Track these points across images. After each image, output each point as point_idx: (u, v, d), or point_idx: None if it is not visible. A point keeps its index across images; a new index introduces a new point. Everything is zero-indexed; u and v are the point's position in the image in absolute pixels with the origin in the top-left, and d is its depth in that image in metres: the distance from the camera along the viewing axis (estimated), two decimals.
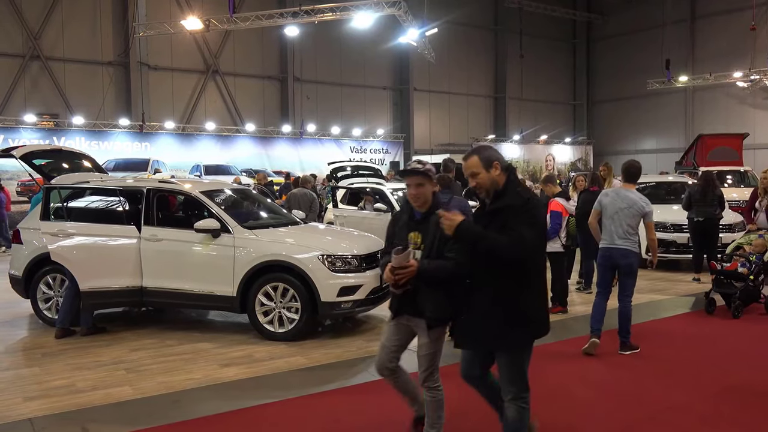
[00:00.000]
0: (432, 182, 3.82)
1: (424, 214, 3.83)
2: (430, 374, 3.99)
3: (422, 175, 3.77)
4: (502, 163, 3.49)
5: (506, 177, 3.48)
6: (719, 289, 8.02)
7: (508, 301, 3.42)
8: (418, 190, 3.78)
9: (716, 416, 4.76)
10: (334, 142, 26.50)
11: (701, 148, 20.59)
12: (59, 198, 7.54)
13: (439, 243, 3.73)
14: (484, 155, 3.49)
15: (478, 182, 3.49)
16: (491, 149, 3.59)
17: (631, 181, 6.50)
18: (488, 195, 3.53)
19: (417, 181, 3.78)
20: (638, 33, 32.89)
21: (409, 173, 3.80)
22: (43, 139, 19.66)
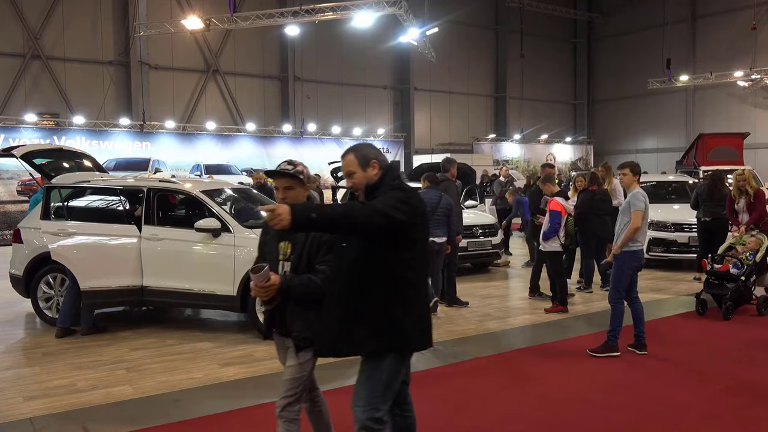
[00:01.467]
0: (303, 185, 3.43)
1: None
2: (291, 404, 3.45)
3: (291, 178, 3.39)
4: (382, 162, 3.19)
5: (381, 174, 3.16)
6: (710, 291, 7.97)
7: (371, 305, 3.03)
8: (287, 194, 3.38)
9: (716, 416, 4.76)
10: (335, 142, 26.49)
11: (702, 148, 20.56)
12: (60, 197, 7.54)
13: (309, 254, 3.37)
14: (361, 153, 3.18)
15: (353, 182, 3.18)
16: (370, 147, 3.27)
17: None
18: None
19: (285, 184, 3.39)
20: (639, 32, 32.86)
21: (276, 175, 3.42)
22: (44, 138, 19.65)
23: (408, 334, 3.08)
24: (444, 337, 6.99)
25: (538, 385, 5.44)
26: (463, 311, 8.36)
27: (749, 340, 6.87)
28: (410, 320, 3.08)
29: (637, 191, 6.23)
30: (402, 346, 3.11)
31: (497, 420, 4.72)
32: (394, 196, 3.04)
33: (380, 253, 3.04)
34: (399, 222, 2.96)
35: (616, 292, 6.22)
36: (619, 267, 6.20)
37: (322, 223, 2.85)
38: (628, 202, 6.20)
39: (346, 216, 2.88)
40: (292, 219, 2.73)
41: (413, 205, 3.08)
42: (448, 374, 5.78)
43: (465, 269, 11.69)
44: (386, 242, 3.03)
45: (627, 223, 6.12)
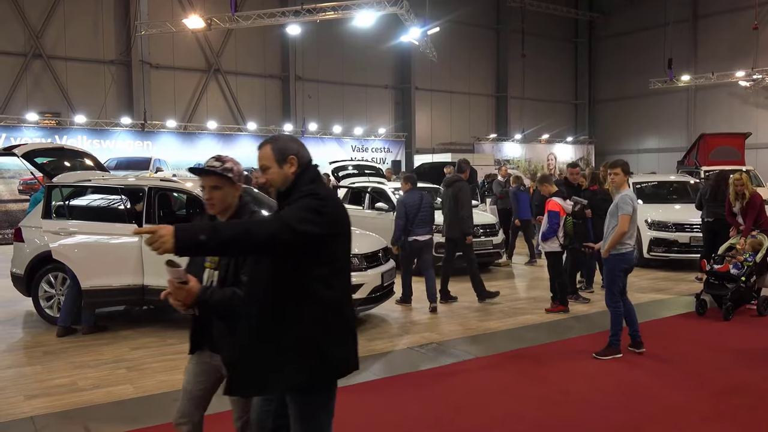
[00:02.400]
0: (233, 185, 3.06)
1: None
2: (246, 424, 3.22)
3: (218, 176, 3.01)
4: (302, 159, 2.80)
5: (299, 173, 2.77)
6: (711, 291, 7.96)
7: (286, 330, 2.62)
8: (213, 194, 3.02)
9: (716, 417, 4.75)
10: (336, 141, 26.47)
11: (703, 148, 20.55)
12: (61, 196, 7.55)
13: (237, 262, 2.96)
14: (279, 146, 2.79)
15: (268, 179, 2.80)
16: (291, 140, 2.87)
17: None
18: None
19: (211, 183, 3.02)
20: (640, 32, 32.82)
21: (201, 173, 3.05)
22: (45, 137, 19.65)
23: (332, 362, 2.68)
24: (444, 337, 7.00)
25: (539, 385, 5.44)
26: (463, 311, 8.36)
27: (749, 340, 6.86)
28: (333, 345, 2.67)
29: (626, 194, 6.19)
30: (327, 375, 2.71)
31: (498, 420, 4.72)
32: (305, 206, 2.61)
33: (294, 270, 2.63)
34: (311, 236, 2.56)
35: (612, 295, 6.21)
36: (610, 270, 6.22)
37: (214, 246, 2.44)
38: (616, 205, 6.15)
39: (245, 234, 2.48)
40: (176, 242, 2.33)
41: (330, 215, 2.66)
42: (449, 374, 5.79)
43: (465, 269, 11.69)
44: (300, 258, 2.62)
45: (615, 226, 6.08)
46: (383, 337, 7.05)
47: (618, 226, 6.04)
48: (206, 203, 3.07)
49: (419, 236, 8.35)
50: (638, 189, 12.99)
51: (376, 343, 6.78)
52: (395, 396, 5.19)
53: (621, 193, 6.24)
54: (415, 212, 8.32)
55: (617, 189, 6.35)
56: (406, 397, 5.16)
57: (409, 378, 5.66)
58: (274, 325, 2.64)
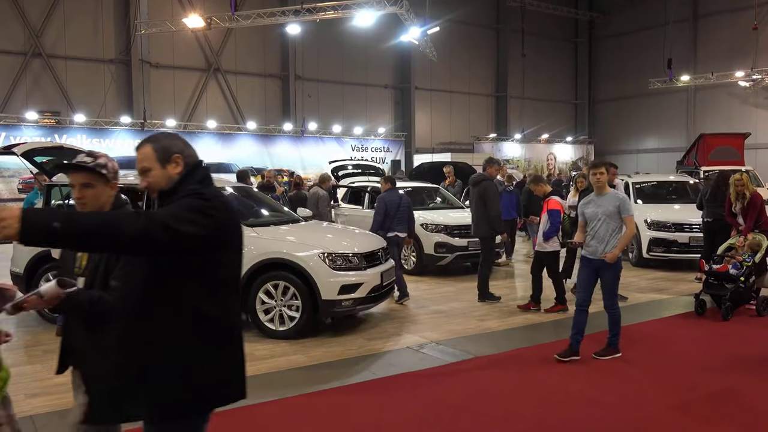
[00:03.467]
0: (108, 182, 2.79)
1: None
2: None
3: (89, 172, 2.74)
4: (188, 158, 2.48)
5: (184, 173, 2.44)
6: (710, 291, 7.95)
7: (158, 350, 2.28)
8: (85, 193, 2.76)
9: (715, 417, 4.76)
10: (336, 141, 26.49)
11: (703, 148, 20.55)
12: (60, 195, 7.54)
13: (108, 265, 2.69)
14: (162, 144, 2.48)
15: (149, 182, 2.46)
16: (175, 138, 2.56)
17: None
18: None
19: (82, 180, 2.74)
20: (640, 32, 32.84)
21: (71, 169, 2.76)
22: (45, 136, 19.67)
23: (208, 389, 2.36)
24: (444, 337, 7.00)
25: (539, 384, 5.44)
26: (463, 311, 8.37)
27: (748, 341, 6.86)
28: (210, 369, 2.35)
29: (625, 196, 6.07)
30: (198, 405, 2.36)
31: (497, 420, 4.72)
32: (187, 205, 2.26)
33: (171, 279, 2.29)
34: (191, 238, 2.20)
35: (614, 297, 6.09)
36: (615, 274, 6.05)
37: (69, 237, 2.03)
38: (617, 207, 5.90)
39: (108, 228, 2.07)
40: (22, 227, 1.94)
41: (217, 219, 2.29)
42: (448, 373, 5.79)
43: (465, 269, 11.70)
44: (179, 265, 2.28)
45: (618, 228, 5.90)
46: (382, 337, 7.05)
47: (628, 229, 5.90)
48: (76, 203, 2.76)
49: (399, 233, 8.90)
50: (638, 189, 12.99)
51: (375, 343, 6.78)
52: (395, 396, 5.19)
53: (613, 194, 6.04)
54: (395, 210, 8.86)
55: (603, 189, 6.05)
56: (406, 397, 5.16)
57: (408, 378, 5.66)
58: (143, 342, 2.28)
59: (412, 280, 10.57)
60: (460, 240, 10.88)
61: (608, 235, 5.90)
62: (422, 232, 10.93)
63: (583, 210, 6.14)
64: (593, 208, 6.01)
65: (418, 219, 11.23)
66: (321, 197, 10.56)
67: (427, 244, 10.88)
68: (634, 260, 11.89)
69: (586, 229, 6.06)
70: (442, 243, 10.81)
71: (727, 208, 8.97)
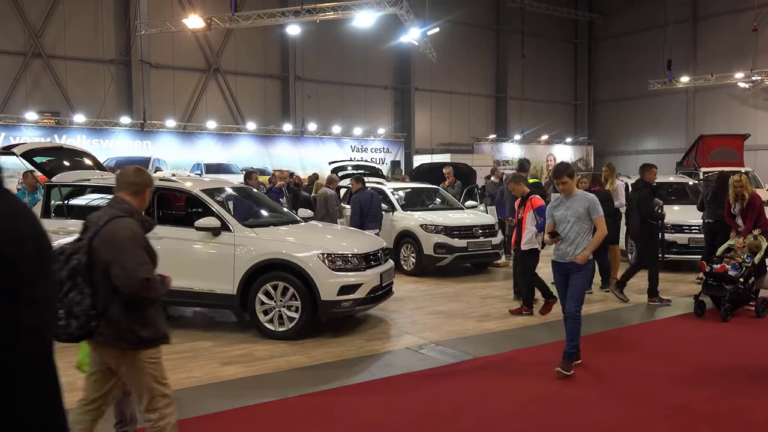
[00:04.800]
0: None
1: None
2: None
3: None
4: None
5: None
6: (709, 292, 7.94)
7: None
8: None
9: (715, 417, 4.76)
10: (335, 141, 26.50)
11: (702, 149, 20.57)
12: (60, 196, 7.55)
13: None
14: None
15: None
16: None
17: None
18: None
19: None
20: (640, 33, 32.86)
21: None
22: (45, 136, 19.67)
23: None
24: (443, 337, 7.00)
25: (538, 385, 5.44)
26: (462, 311, 8.37)
27: (746, 342, 6.87)
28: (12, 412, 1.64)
29: (593, 196, 5.82)
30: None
31: (497, 420, 4.73)
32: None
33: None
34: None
35: (579, 304, 5.73)
36: (586, 276, 5.78)
37: None
38: (586, 208, 5.68)
39: None
40: None
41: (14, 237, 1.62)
42: (447, 374, 5.79)
43: (464, 269, 11.70)
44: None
45: (588, 229, 5.69)
46: (382, 338, 7.06)
47: (599, 230, 5.65)
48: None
49: (372, 230, 9.23)
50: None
51: (375, 344, 6.79)
52: (394, 396, 5.19)
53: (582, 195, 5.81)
54: (367, 208, 9.57)
55: (570, 194, 5.80)
56: (405, 397, 5.16)
57: (407, 378, 5.66)
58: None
59: (412, 281, 10.57)
60: (460, 241, 10.88)
61: (578, 237, 5.69)
62: (422, 233, 10.94)
63: (552, 212, 5.91)
64: (562, 211, 5.80)
65: (418, 220, 11.25)
66: (330, 197, 10.59)
67: (426, 245, 10.87)
68: (633, 261, 11.89)
69: (555, 230, 5.82)
70: (441, 244, 10.81)
71: (726, 210, 8.97)
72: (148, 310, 3.40)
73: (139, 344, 3.37)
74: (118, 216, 3.32)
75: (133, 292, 3.25)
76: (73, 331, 3.22)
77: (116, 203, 3.42)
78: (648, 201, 8.81)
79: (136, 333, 3.32)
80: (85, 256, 3.23)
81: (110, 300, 3.26)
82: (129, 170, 3.55)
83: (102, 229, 3.25)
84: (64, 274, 3.19)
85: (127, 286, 3.23)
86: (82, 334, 3.28)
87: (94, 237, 3.26)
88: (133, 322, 3.32)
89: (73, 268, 3.22)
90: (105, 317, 3.26)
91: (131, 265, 3.23)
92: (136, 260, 3.26)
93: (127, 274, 3.21)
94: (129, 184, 3.46)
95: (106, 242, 3.24)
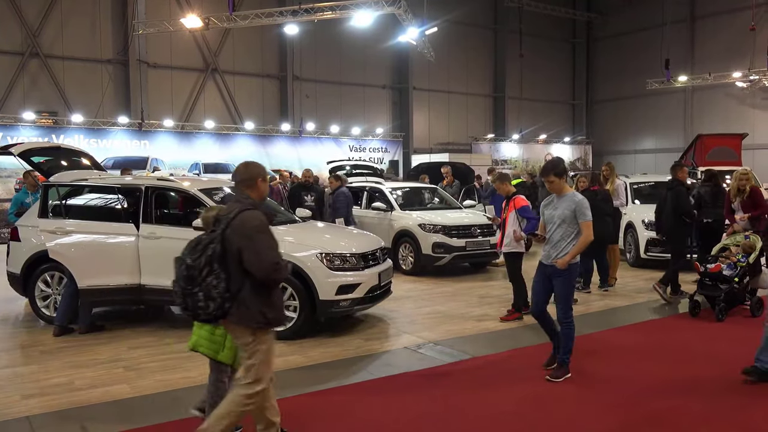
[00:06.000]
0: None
1: None
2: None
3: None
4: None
5: None
6: (703, 291, 7.93)
7: None
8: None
9: (713, 417, 4.76)
10: (333, 141, 26.46)
11: (700, 148, 20.58)
12: (57, 195, 7.53)
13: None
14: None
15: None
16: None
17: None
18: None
19: None
20: (638, 33, 32.86)
21: None
22: (42, 136, 19.61)
23: None
24: (441, 337, 7.00)
25: (536, 384, 5.44)
26: (460, 311, 8.36)
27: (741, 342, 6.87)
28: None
29: (582, 198, 5.56)
30: None
31: (496, 420, 4.73)
32: None
33: None
34: None
35: (569, 309, 5.57)
36: (568, 281, 5.55)
37: None
38: (573, 211, 5.46)
39: None
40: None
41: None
42: (446, 374, 5.79)
43: (463, 269, 11.71)
44: None
45: (573, 234, 5.48)
46: (380, 337, 7.05)
47: (583, 235, 5.43)
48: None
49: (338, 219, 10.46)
50: (635, 189, 13.01)
51: (373, 343, 6.78)
52: (392, 396, 5.19)
53: (570, 196, 5.57)
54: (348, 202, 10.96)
55: (559, 193, 5.61)
56: (404, 397, 5.16)
57: (406, 378, 5.66)
58: None
59: (410, 281, 10.58)
60: (458, 240, 10.89)
61: (562, 240, 5.50)
62: (420, 233, 10.94)
63: (544, 210, 5.78)
64: (551, 210, 5.65)
65: (416, 219, 11.25)
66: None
67: (424, 245, 10.88)
68: (632, 260, 11.91)
69: (546, 227, 5.70)
70: (439, 243, 10.82)
71: (727, 205, 9.02)
72: (273, 293, 3.82)
73: (265, 324, 3.76)
74: (245, 209, 3.74)
75: (266, 275, 3.66)
76: (211, 312, 3.69)
77: (240, 198, 3.85)
78: (686, 198, 8.96)
79: (264, 314, 3.73)
80: (219, 245, 3.66)
81: (242, 284, 3.68)
82: (239, 168, 3.99)
83: (233, 221, 3.68)
84: (202, 261, 3.67)
85: (260, 270, 3.65)
86: (219, 315, 3.72)
87: (227, 228, 3.69)
88: (262, 304, 3.72)
89: (209, 256, 3.67)
90: (237, 299, 3.68)
91: (263, 250, 3.66)
92: (267, 246, 3.69)
93: (260, 259, 3.64)
94: (241, 180, 3.91)
95: (237, 232, 3.66)
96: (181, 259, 3.80)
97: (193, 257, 3.71)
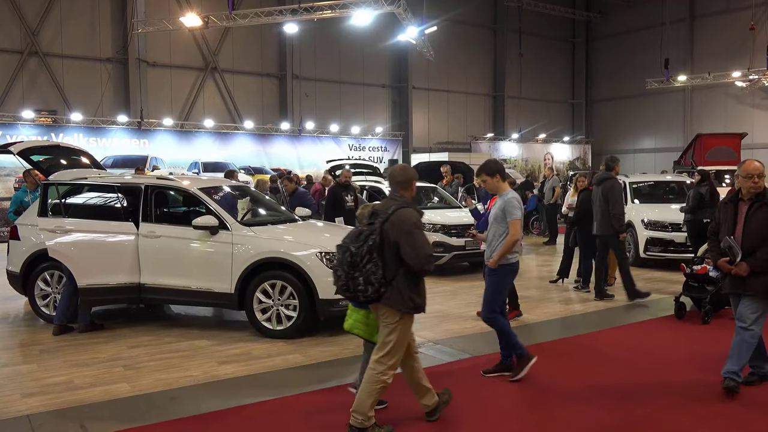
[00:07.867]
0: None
1: None
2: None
3: None
4: None
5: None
6: (689, 293, 7.86)
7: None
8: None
9: (710, 417, 4.77)
10: (333, 140, 26.45)
11: (699, 148, 20.61)
12: (57, 194, 7.53)
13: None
14: None
15: None
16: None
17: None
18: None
19: None
20: (637, 32, 32.86)
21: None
22: (41, 135, 19.59)
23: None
24: (441, 336, 7.00)
25: (536, 384, 5.45)
26: (460, 311, 8.36)
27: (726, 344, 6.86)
28: None
29: (512, 196, 5.43)
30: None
31: (494, 419, 4.73)
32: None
33: None
34: None
35: (492, 311, 5.52)
36: (496, 282, 5.49)
37: None
38: (502, 210, 5.39)
39: None
40: None
41: None
42: (446, 373, 5.79)
43: (462, 268, 11.71)
44: None
45: (504, 232, 5.37)
46: None
47: (510, 234, 5.32)
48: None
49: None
50: (635, 189, 13.02)
51: None
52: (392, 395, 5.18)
53: (503, 195, 5.47)
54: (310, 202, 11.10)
55: (497, 191, 5.53)
56: (403, 396, 5.16)
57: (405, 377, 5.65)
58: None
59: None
60: (458, 240, 10.89)
61: (494, 239, 5.45)
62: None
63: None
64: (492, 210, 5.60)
65: None
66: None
67: None
68: (631, 260, 11.91)
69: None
70: (439, 242, 10.82)
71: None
72: (422, 282, 4.27)
73: (413, 309, 4.23)
74: (402, 206, 4.19)
75: (420, 266, 4.09)
76: (369, 295, 4.13)
77: (397, 196, 4.29)
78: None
79: (413, 299, 4.18)
80: (378, 236, 4.08)
81: (396, 272, 4.11)
82: (396, 170, 4.45)
83: (391, 216, 4.10)
84: (364, 250, 4.09)
85: (417, 261, 4.07)
86: (374, 298, 4.17)
87: (385, 222, 4.10)
88: (412, 291, 4.17)
89: (370, 246, 4.08)
90: (391, 286, 4.11)
91: (420, 244, 4.08)
92: (423, 240, 4.13)
93: (417, 252, 4.06)
94: (399, 182, 4.37)
95: (396, 226, 4.08)
96: (344, 247, 4.20)
97: (356, 245, 4.13)
